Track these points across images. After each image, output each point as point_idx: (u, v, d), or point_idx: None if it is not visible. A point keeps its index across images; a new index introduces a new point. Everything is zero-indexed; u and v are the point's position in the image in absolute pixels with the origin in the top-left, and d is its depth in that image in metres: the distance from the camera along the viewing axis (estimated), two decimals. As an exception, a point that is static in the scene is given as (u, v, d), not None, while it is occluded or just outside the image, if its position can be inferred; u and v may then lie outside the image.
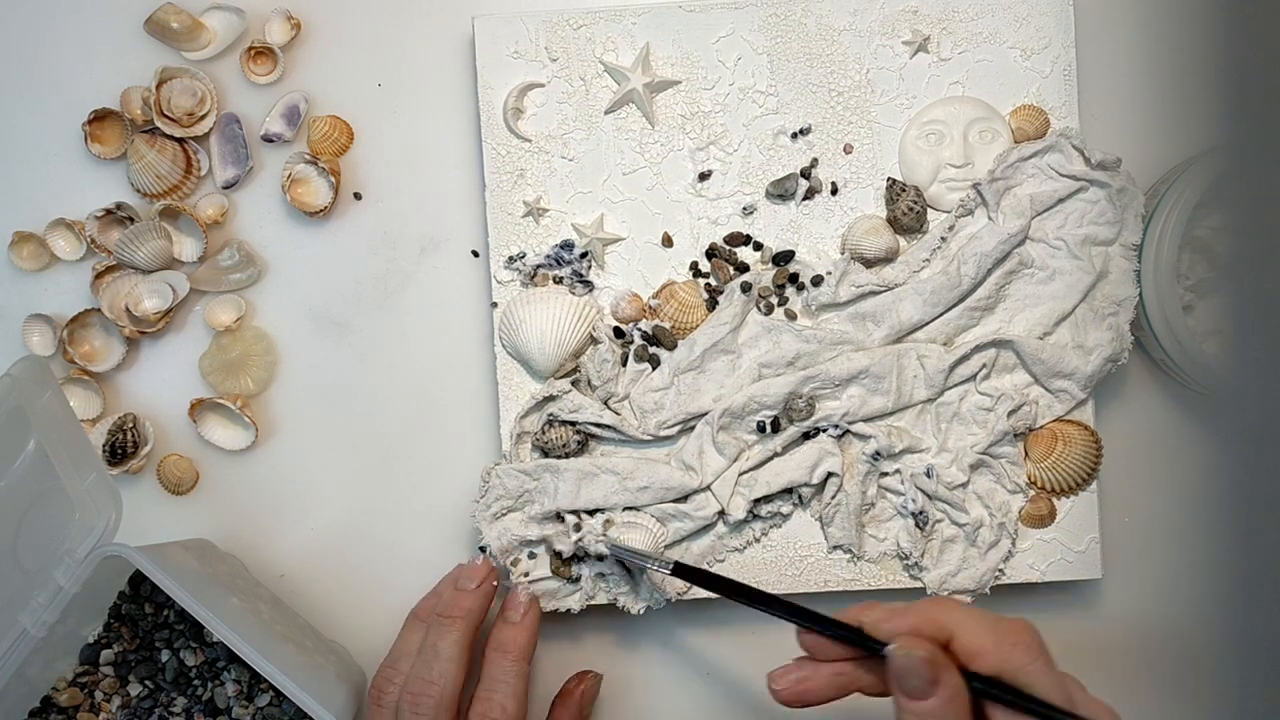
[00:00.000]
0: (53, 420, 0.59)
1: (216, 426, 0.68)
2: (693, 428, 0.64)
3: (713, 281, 0.65)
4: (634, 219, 0.65)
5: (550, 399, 0.64)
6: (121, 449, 0.66)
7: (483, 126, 0.65)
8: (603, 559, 0.63)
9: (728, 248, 0.65)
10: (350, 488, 0.68)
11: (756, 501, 0.63)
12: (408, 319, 0.68)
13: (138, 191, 0.67)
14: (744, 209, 0.65)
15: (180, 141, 0.67)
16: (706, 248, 0.65)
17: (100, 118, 0.67)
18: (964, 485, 0.63)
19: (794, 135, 0.65)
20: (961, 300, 0.63)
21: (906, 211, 0.64)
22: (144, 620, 0.65)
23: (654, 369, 0.64)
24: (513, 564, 0.64)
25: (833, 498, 0.63)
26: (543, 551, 0.64)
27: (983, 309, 0.63)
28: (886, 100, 0.65)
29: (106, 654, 0.65)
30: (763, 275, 0.64)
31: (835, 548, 0.64)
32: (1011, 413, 0.63)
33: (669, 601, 0.64)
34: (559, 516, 0.63)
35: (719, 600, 0.66)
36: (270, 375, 0.68)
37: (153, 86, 0.66)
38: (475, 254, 0.68)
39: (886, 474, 0.64)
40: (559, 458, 0.64)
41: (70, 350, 0.67)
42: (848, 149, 0.65)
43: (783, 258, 0.64)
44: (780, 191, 0.64)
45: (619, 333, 0.64)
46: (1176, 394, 0.67)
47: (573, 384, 0.64)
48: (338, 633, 0.68)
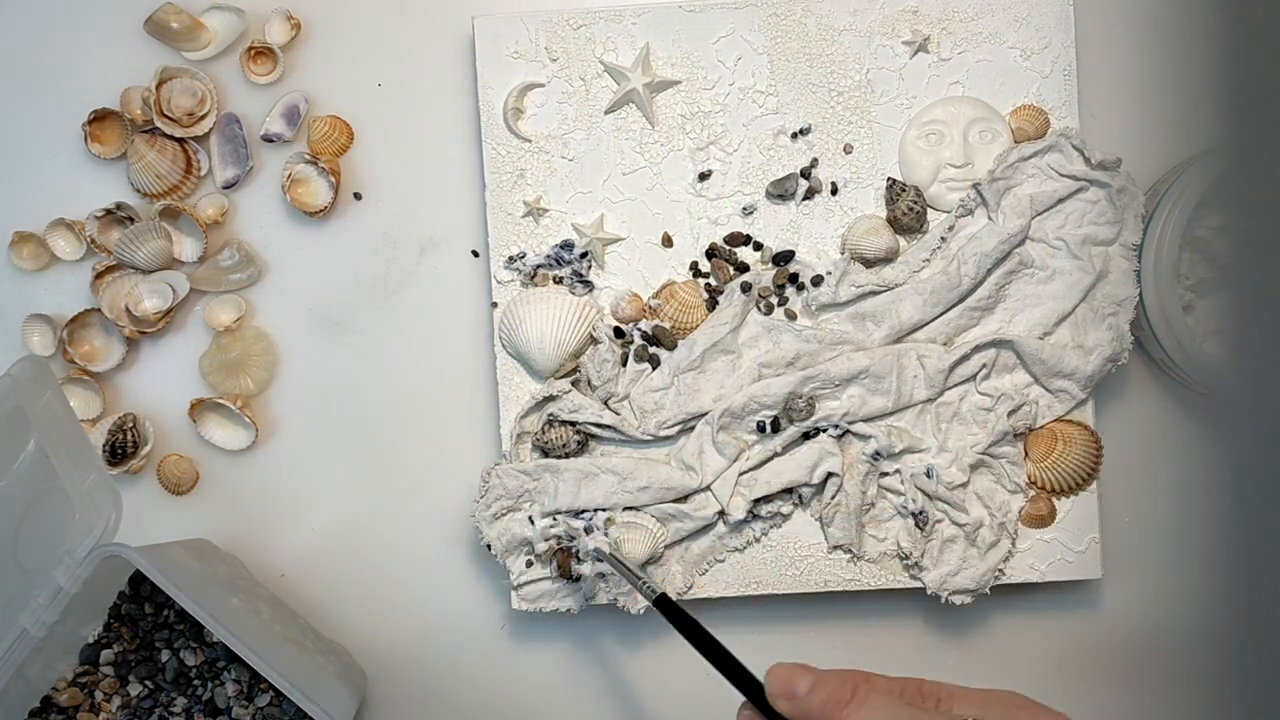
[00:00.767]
0: (53, 420, 0.59)
1: (216, 426, 0.68)
2: (693, 428, 0.64)
3: (713, 281, 0.65)
4: (634, 219, 0.65)
5: (550, 399, 0.64)
6: (121, 449, 0.66)
7: (483, 126, 0.65)
8: (600, 559, 0.63)
9: (728, 248, 0.65)
10: (350, 488, 0.68)
11: (756, 501, 0.63)
12: (408, 319, 0.68)
13: (138, 191, 0.67)
14: (744, 209, 0.65)
15: (180, 141, 0.67)
16: (706, 248, 0.65)
17: (100, 118, 0.67)
18: (964, 485, 0.63)
19: (794, 135, 0.65)
20: (961, 300, 0.63)
21: (906, 211, 0.64)
22: (144, 620, 0.65)
23: (654, 369, 0.64)
24: None
25: (833, 498, 0.63)
26: (543, 553, 0.64)
27: (983, 309, 0.63)
28: (886, 100, 0.65)
29: (106, 654, 0.65)
30: (763, 275, 0.64)
31: (835, 548, 0.64)
32: (1011, 413, 0.63)
33: (669, 601, 0.64)
34: (576, 514, 0.63)
35: (717, 600, 0.66)
36: (270, 375, 0.68)
37: (153, 86, 0.66)
38: (475, 254, 0.68)
39: (886, 474, 0.64)
40: (559, 458, 0.64)
41: (70, 350, 0.67)
42: (848, 149, 0.65)
43: (783, 258, 0.64)
44: (780, 191, 0.64)
45: (619, 333, 0.64)
46: (1176, 394, 0.67)
47: (573, 384, 0.64)
48: (338, 633, 0.68)
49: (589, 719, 0.68)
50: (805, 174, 0.65)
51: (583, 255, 0.65)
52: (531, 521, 0.64)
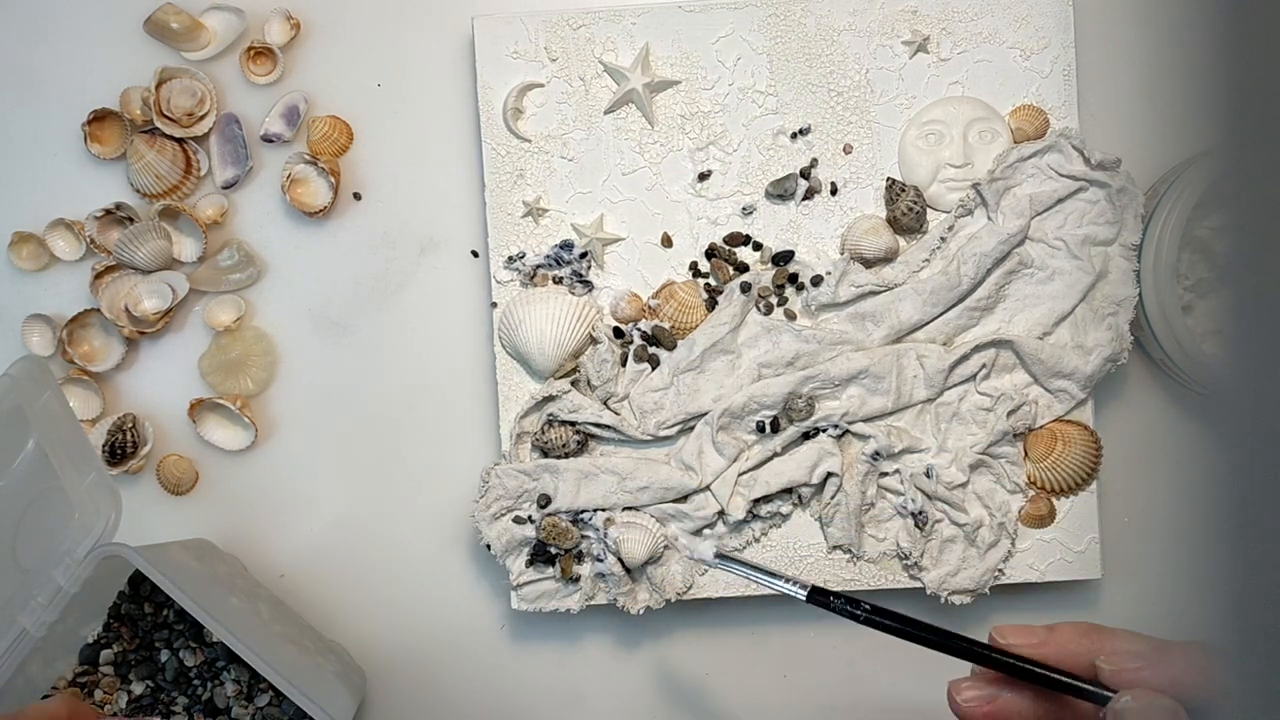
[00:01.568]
0: (52, 420, 0.59)
1: (216, 426, 0.68)
2: (692, 428, 0.64)
3: (712, 281, 0.65)
4: (633, 219, 0.65)
5: (550, 399, 0.64)
6: (121, 449, 0.66)
7: (482, 127, 0.65)
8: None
9: (727, 248, 0.65)
10: (350, 487, 0.68)
11: (756, 501, 0.63)
12: (407, 319, 0.68)
13: (137, 192, 0.67)
14: (743, 209, 0.65)
15: (180, 141, 0.67)
16: (706, 248, 0.65)
17: (100, 118, 0.67)
18: (963, 485, 0.63)
19: (793, 135, 0.65)
20: (961, 300, 0.63)
21: (906, 211, 0.64)
22: (144, 620, 0.65)
23: (653, 369, 0.64)
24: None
25: (832, 498, 0.63)
26: (531, 550, 0.64)
27: (982, 309, 0.63)
28: (886, 100, 0.65)
29: (106, 654, 0.65)
30: (762, 275, 0.64)
31: (835, 548, 0.64)
32: (1011, 413, 0.63)
33: (668, 602, 0.64)
34: (575, 515, 0.63)
35: (717, 601, 0.66)
36: (270, 375, 0.68)
37: (152, 87, 0.66)
38: (475, 254, 0.68)
39: (886, 474, 0.64)
40: (558, 458, 0.64)
41: (70, 350, 0.67)
42: (847, 149, 0.65)
43: (782, 258, 0.64)
44: (780, 191, 0.64)
45: (618, 333, 0.64)
46: (1176, 394, 0.67)
47: (572, 384, 0.64)
48: (337, 633, 0.68)
49: (588, 719, 0.68)
50: (805, 174, 0.65)
51: (582, 255, 0.65)
52: (531, 520, 0.64)
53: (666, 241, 0.65)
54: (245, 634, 0.57)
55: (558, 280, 0.65)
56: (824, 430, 0.63)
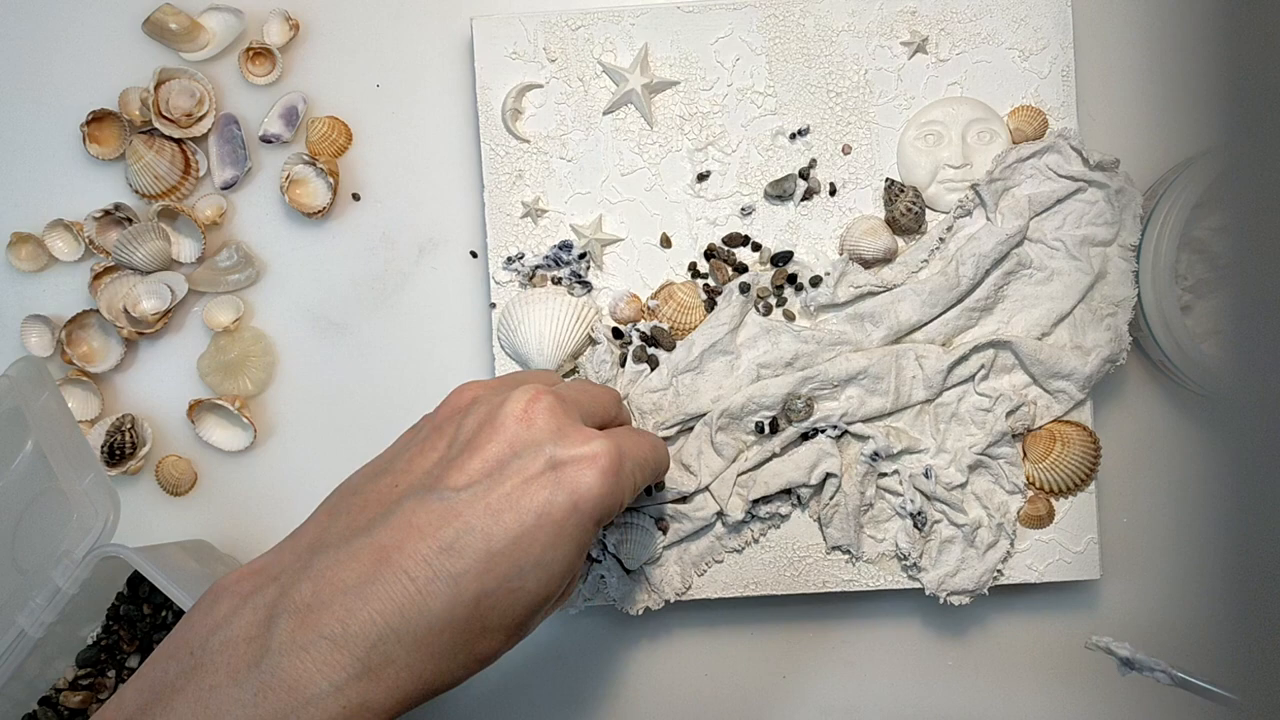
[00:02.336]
0: (50, 421, 0.59)
1: (215, 427, 0.68)
2: (691, 428, 0.64)
3: (711, 282, 0.65)
4: (632, 220, 0.65)
5: (549, 400, 0.64)
6: (120, 450, 0.66)
7: (481, 127, 0.65)
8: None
9: (726, 248, 0.65)
10: (349, 488, 0.68)
11: (755, 502, 0.63)
12: (406, 320, 0.68)
13: (136, 192, 0.67)
14: (742, 210, 0.65)
15: (178, 142, 0.67)
16: (705, 248, 0.65)
17: (98, 118, 0.67)
18: (962, 486, 0.63)
19: (792, 136, 0.65)
20: (960, 301, 0.63)
21: (905, 212, 0.64)
22: (142, 621, 0.65)
23: (652, 370, 0.64)
24: None
25: (831, 498, 0.63)
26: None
27: (981, 310, 0.63)
28: (885, 101, 0.65)
29: (105, 655, 0.65)
30: (761, 276, 0.64)
31: (834, 548, 0.64)
32: (1010, 413, 0.63)
33: (667, 603, 0.64)
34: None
35: (716, 601, 0.66)
36: (269, 376, 0.68)
37: (151, 87, 0.66)
38: (474, 255, 0.68)
39: (885, 474, 0.64)
40: (557, 458, 0.64)
41: (68, 351, 0.67)
42: (846, 150, 0.65)
43: (781, 258, 0.64)
44: (779, 192, 0.64)
45: (617, 333, 0.64)
46: (1175, 395, 0.67)
47: (571, 385, 0.64)
48: (336, 634, 0.68)
49: (587, 719, 0.68)
50: (804, 175, 0.65)
51: (581, 256, 0.65)
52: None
53: (665, 242, 0.65)
54: (244, 635, 0.57)
55: (556, 281, 0.65)
56: (823, 431, 0.63)
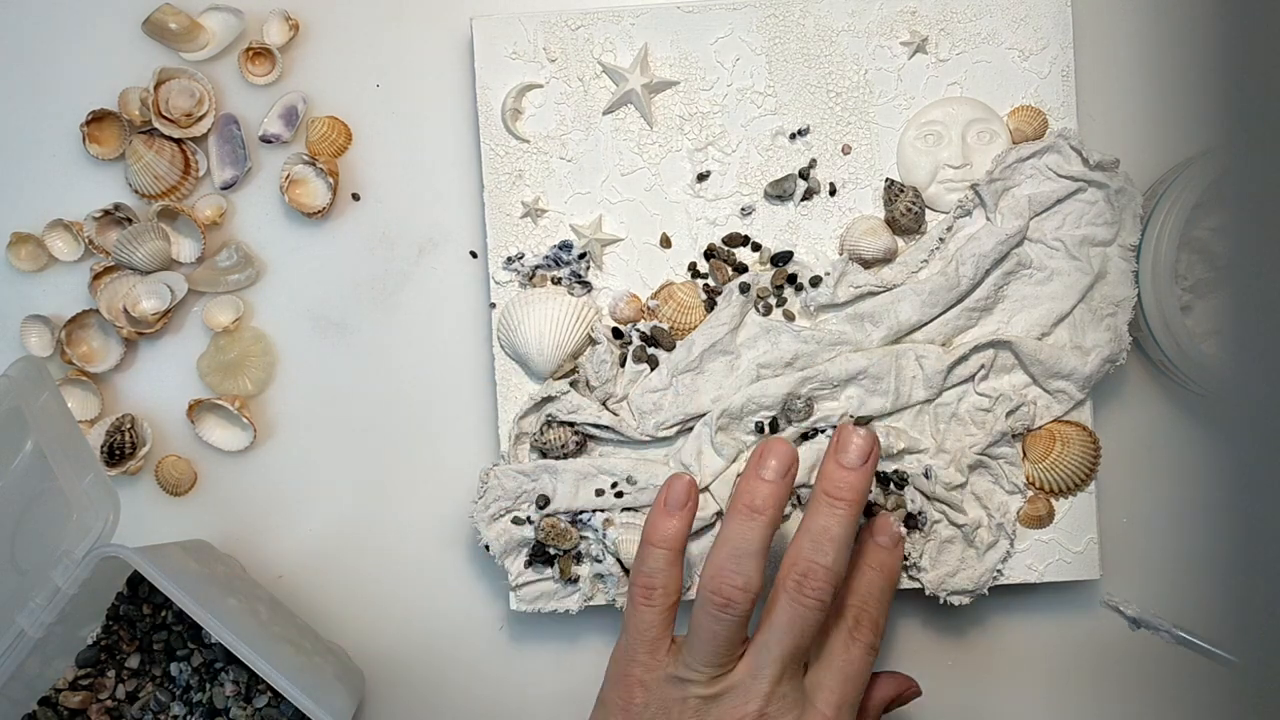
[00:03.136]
0: (50, 421, 0.59)
1: (215, 427, 0.68)
2: (691, 428, 0.64)
3: (711, 282, 0.65)
4: (632, 220, 0.65)
5: (549, 400, 0.64)
6: (119, 450, 0.66)
7: (481, 127, 0.65)
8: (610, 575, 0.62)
9: (726, 248, 0.65)
10: (349, 488, 0.68)
11: (755, 502, 0.63)
12: (406, 320, 0.68)
13: (136, 192, 0.67)
14: (742, 210, 0.65)
15: (178, 142, 0.67)
16: (705, 248, 0.65)
17: (98, 118, 0.67)
18: (962, 486, 0.63)
19: (792, 136, 0.65)
20: (960, 301, 0.63)
21: (905, 212, 0.64)
22: (142, 621, 0.65)
23: (652, 370, 0.64)
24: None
25: (831, 498, 0.63)
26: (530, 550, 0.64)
27: (981, 310, 0.63)
28: (885, 101, 0.65)
29: (104, 655, 0.65)
30: (761, 276, 0.64)
31: (834, 548, 0.64)
32: (1010, 413, 0.63)
33: (667, 602, 0.64)
34: (574, 516, 0.63)
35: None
36: (268, 376, 0.68)
37: (151, 87, 0.66)
38: (473, 255, 0.68)
39: (885, 475, 0.64)
40: (557, 458, 0.64)
41: (68, 351, 0.67)
42: (846, 150, 0.65)
43: (781, 258, 0.64)
44: (778, 192, 0.64)
45: (617, 333, 0.64)
46: (1175, 395, 0.67)
47: (571, 385, 0.64)
48: (336, 633, 0.68)
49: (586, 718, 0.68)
50: (804, 175, 0.65)
51: (581, 256, 0.65)
52: (529, 521, 0.64)
53: (665, 242, 0.65)
54: (244, 635, 0.57)
55: (556, 281, 0.65)
56: (823, 431, 0.63)
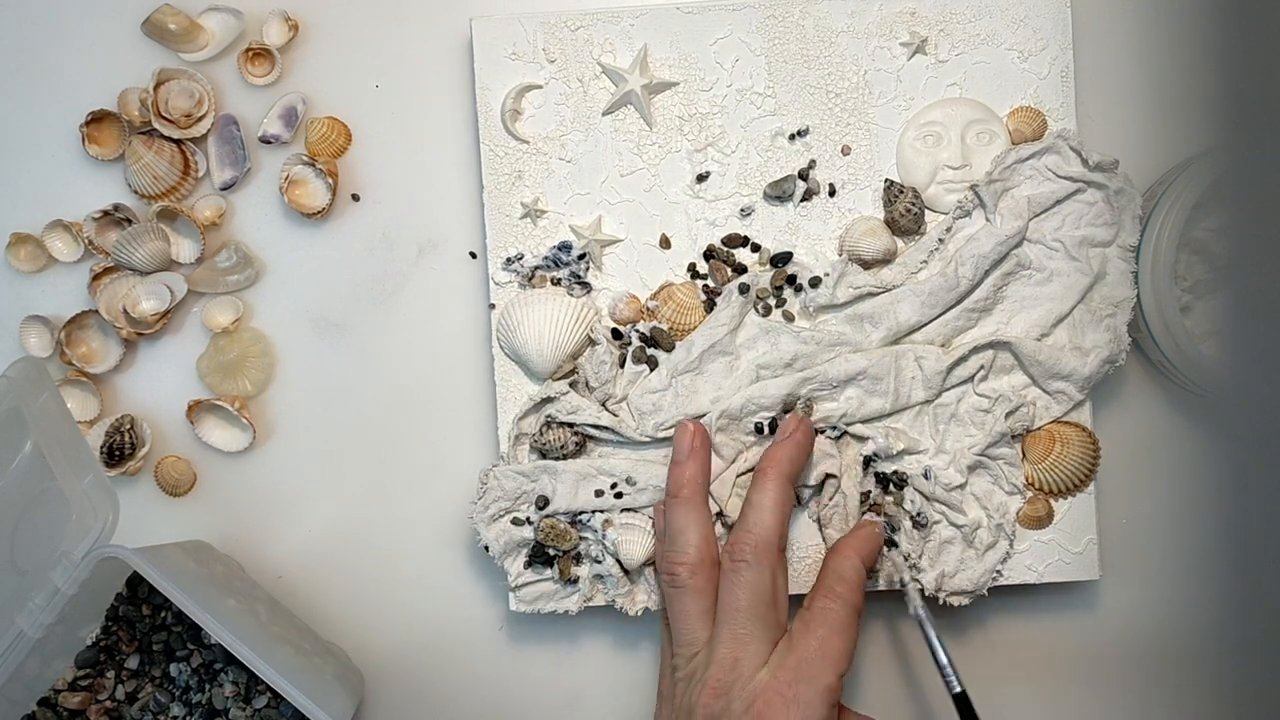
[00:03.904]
0: (50, 422, 0.59)
1: (214, 428, 0.68)
2: (691, 429, 0.64)
3: (710, 283, 0.65)
4: (632, 220, 0.65)
5: (548, 400, 0.64)
6: (119, 450, 0.66)
7: (480, 128, 0.65)
8: (607, 572, 0.63)
9: (725, 249, 0.65)
10: (348, 489, 0.68)
11: (754, 503, 0.63)
12: (405, 320, 0.68)
13: (135, 193, 0.67)
14: (742, 210, 0.65)
15: (178, 143, 0.67)
16: (704, 249, 0.65)
17: (98, 119, 0.67)
18: (962, 486, 0.63)
19: (792, 137, 0.65)
20: (959, 302, 0.63)
21: (904, 213, 0.64)
22: (141, 622, 0.65)
23: (652, 370, 0.64)
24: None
25: (831, 499, 0.63)
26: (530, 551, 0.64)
27: (980, 310, 0.63)
28: (884, 102, 0.65)
29: (104, 655, 0.65)
30: (760, 277, 0.64)
31: (833, 549, 0.64)
32: (1009, 414, 0.63)
33: (667, 603, 0.64)
34: (574, 516, 0.63)
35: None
36: (268, 377, 0.68)
37: (150, 88, 0.66)
38: (473, 255, 0.68)
39: (884, 475, 0.64)
40: (557, 459, 0.64)
41: (68, 352, 0.67)
42: (845, 150, 0.65)
43: (780, 259, 0.64)
44: (778, 193, 0.65)
45: (617, 334, 0.64)
46: (1174, 395, 0.67)
47: (571, 385, 0.64)
48: (335, 634, 0.68)
49: (586, 718, 0.68)
50: (803, 175, 0.65)
51: (580, 257, 0.65)
52: (529, 522, 0.64)
53: (665, 243, 0.65)
54: (243, 635, 0.57)
55: (556, 282, 0.65)
56: (822, 431, 0.63)
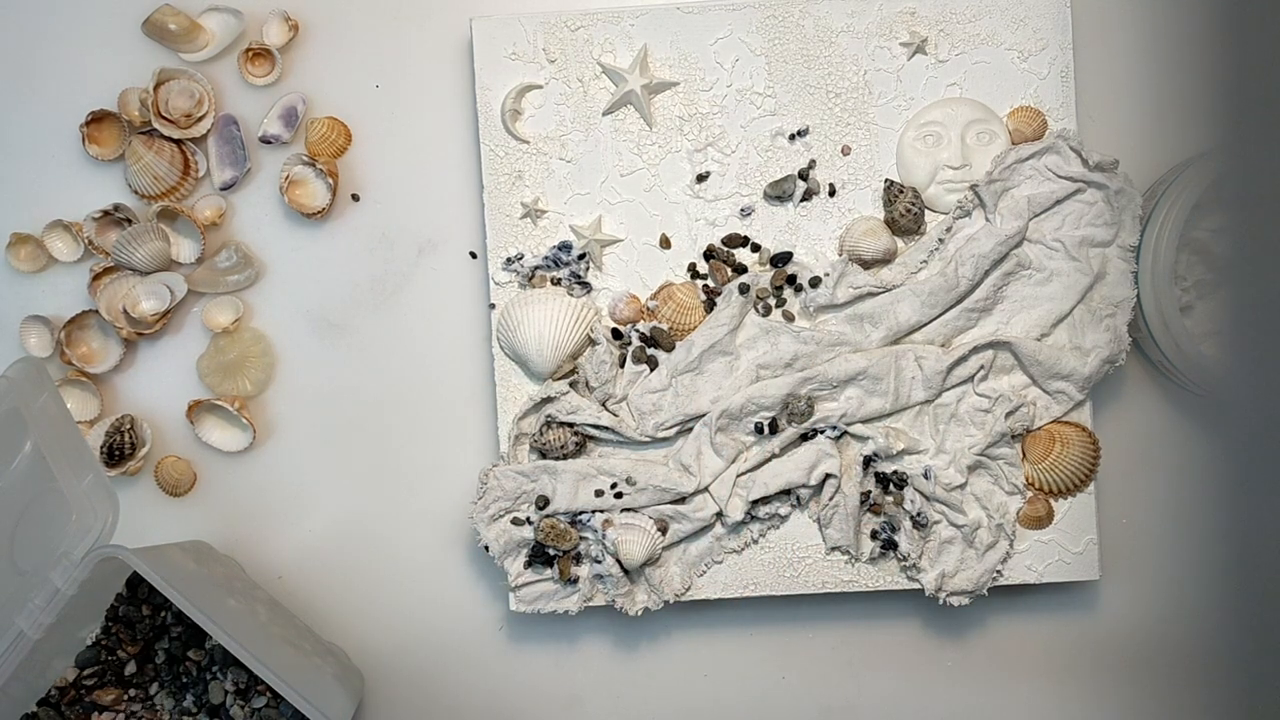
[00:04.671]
0: (49, 422, 0.59)
1: (214, 428, 0.68)
2: (691, 429, 0.64)
3: (710, 283, 0.65)
4: (632, 220, 0.65)
5: (548, 400, 0.64)
6: (119, 450, 0.66)
7: (480, 128, 0.65)
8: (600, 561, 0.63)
9: (725, 249, 0.65)
10: (348, 489, 0.68)
11: (754, 503, 0.63)
12: (405, 320, 0.68)
13: (135, 193, 0.67)
14: (742, 210, 0.65)
15: (178, 143, 0.67)
16: (704, 249, 0.65)
17: (98, 119, 0.67)
18: (962, 486, 0.63)
19: (792, 137, 0.65)
20: (959, 302, 0.63)
21: (904, 213, 0.64)
22: (141, 622, 0.65)
23: (652, 370, 0.64)
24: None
25: (830, 499, 0.63)
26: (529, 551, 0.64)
27: (980, 310, 0.63)
28: (884, 102, 0.65)
29: (104, 655, 0.65)
30: (760, 277, 0.64)
31: (833, 549, 0.64)
32: (1009, 414, 0.63)
33: (666, 603, 0.64)
34: (574, 516, 0.63)
35: (715, 602, 0.66)
36: (268, 377, 0.68)
37: (150, 88, 0.66)
38: (473, 255, 0.68)
39: (884, 475, 0.64)
40: (557, 459, 0.64)
41: (68, 352, 0.67)
42: (845, 150, 0.65)
43: (780, 259, 0.64)
44: (778, 193, 0.64)
45: (617, 334, 0.64)
46: (1174, 395, 0.67)
47: (571, 385, 0.64)
48: (335, 634, 0.68)
49: (588, 719, 0.68)
50: (803, 175, 0.65)
51: (581, 256, 0.65)
52: (529, 522, 0.64)
53: (665, 243, 0.65)
54: (243, 636, 0.57)
55: (556, 281, 0.65)
56: (822, 431, 0.63)
